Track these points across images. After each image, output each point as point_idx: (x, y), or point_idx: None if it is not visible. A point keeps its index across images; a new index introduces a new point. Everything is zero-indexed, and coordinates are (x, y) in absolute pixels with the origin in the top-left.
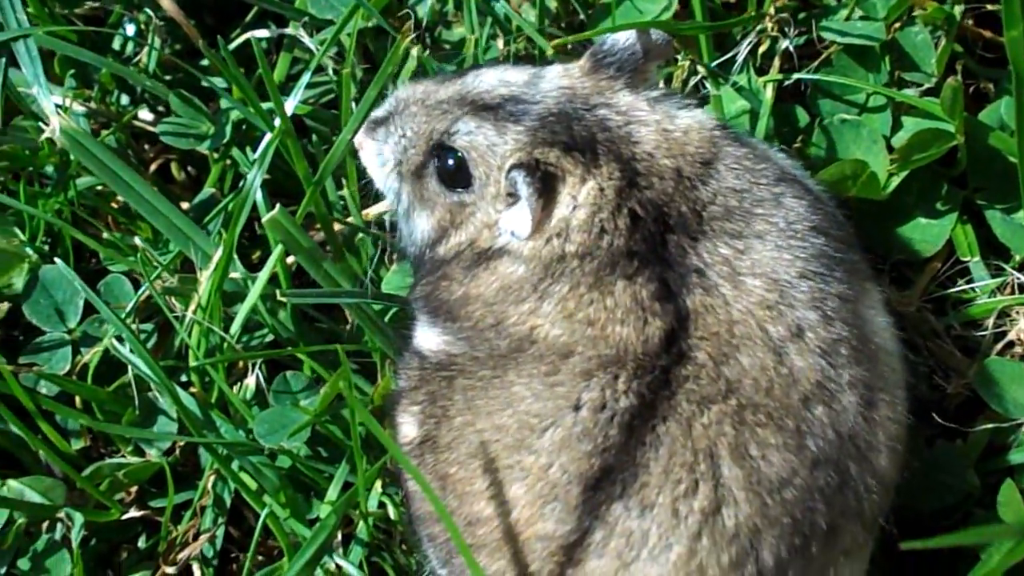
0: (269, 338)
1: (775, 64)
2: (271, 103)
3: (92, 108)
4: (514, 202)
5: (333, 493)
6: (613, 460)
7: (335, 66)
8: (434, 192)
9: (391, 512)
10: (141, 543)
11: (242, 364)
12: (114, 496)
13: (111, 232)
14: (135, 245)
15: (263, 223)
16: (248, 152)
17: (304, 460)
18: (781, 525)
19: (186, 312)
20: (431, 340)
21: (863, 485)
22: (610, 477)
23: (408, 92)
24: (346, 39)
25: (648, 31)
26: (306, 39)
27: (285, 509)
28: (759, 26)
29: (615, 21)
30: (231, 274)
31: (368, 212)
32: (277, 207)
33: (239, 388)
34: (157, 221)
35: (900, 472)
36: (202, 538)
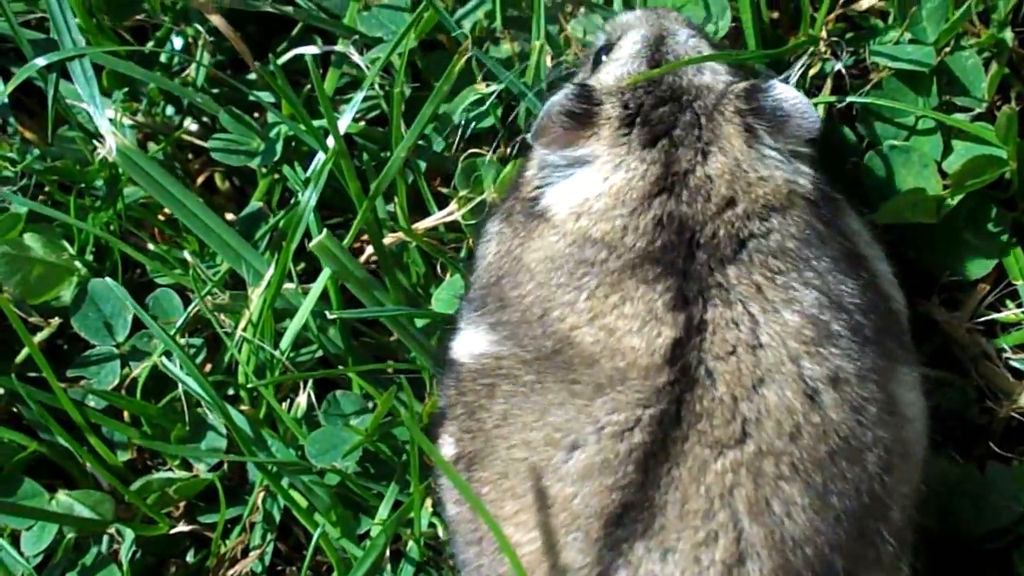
0: (319, 354)
1: (827, 85)
2: (322, 120)
3: (139, 121)
4: None
5: (384, 511)
6: (632, 498)
7: (382, 82)
8: None
9: (440, 531)
10: (190, 558)
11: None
12: (163, 511)
13: (157, 245)
14: (184, 259)
15: (310, 248)
16: (297, 168)
17: (354, 478)
18: None
19: (236, 329)
20: (477, 343)
21: (879, 537)
22: (630, 514)
23: None
24: (396, 58)
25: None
26: (356, 57)
27: (336, 527)
28: (811, 49)
29: None
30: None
31: (418, 226)
32: (324, 232)
33: (289, 405)
34: (208, 238)
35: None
36: (252, 555)
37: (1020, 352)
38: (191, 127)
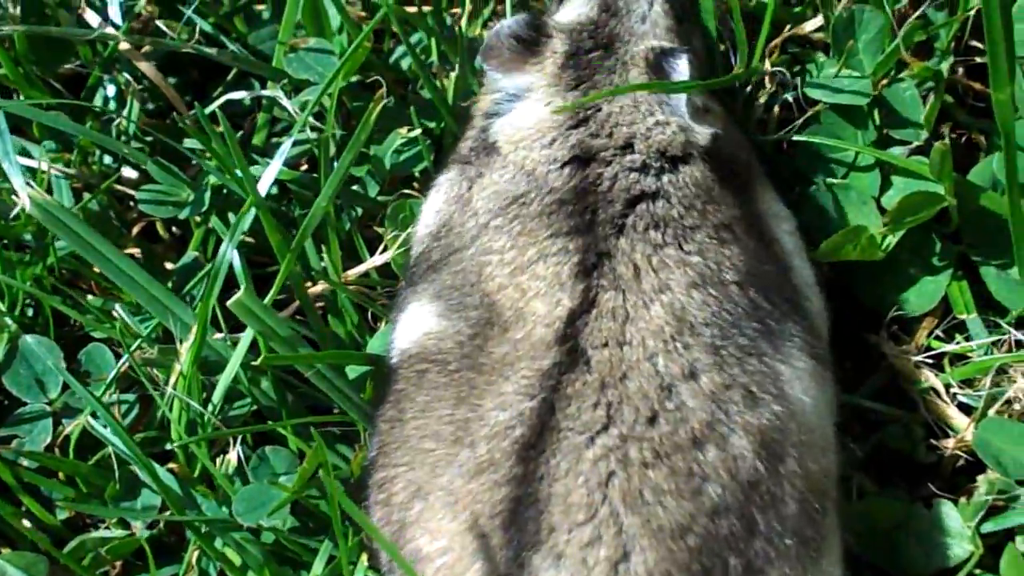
0: (254, 407)
1: (772, 117)
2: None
3: (71, 173)
4: None
5: (319, 567)
6: (519, 491)
7: (316, 123)
8: None
9: None
10: None
11: None
12: (98, 571)
13: (95, 296)
14: (114, 313)
15: (228, 305)
16: (232, 217)
17: (288, 535)
18: (691, 571)
19: (167, 384)
20: (423, 319)
21: (772, 527)
22: (521, 514)
23: None
24: (327, 100)
25: None
26: (284, 101)
27: None
28: (753, 79)
29: None
30: (215, 336)
31: (349, 274)
32: (242, 290)
33: (222, 461)
34: (135, 292)
35: (821, 524)
36: None
37: (967, 387)
38: (131, 174)
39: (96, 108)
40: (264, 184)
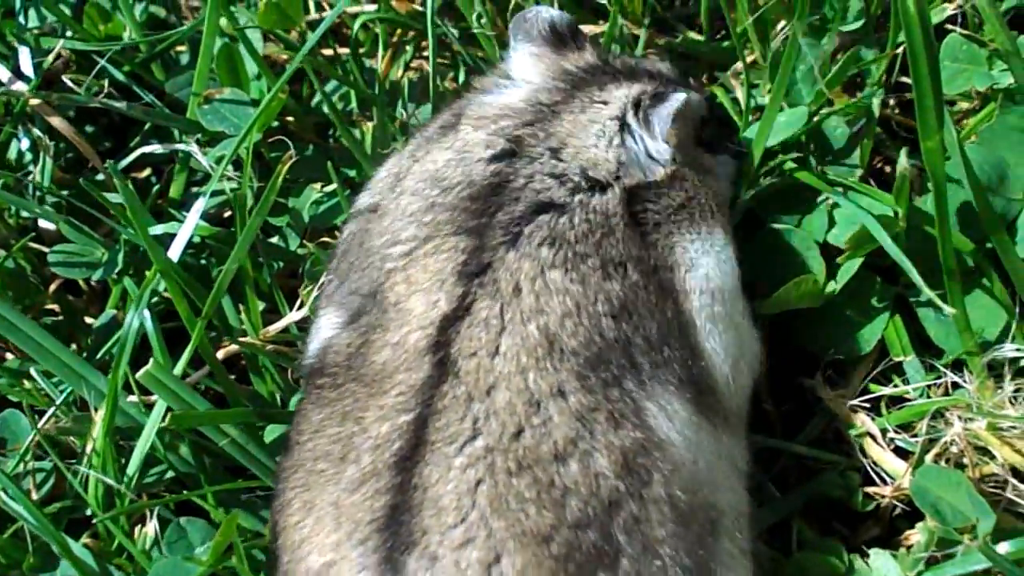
0: (171, 473)
1: None
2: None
3: None
4: None
5: None
6: (396, 500)
7: (233, 175)
8: None
9: None
10: None
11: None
12: None
13: (14, 357)
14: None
15: (138, 378)
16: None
17: None
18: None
19: (83, 452)
20: (326, 329)
21: (645, 556)
22: (396, 516)
23: None
24: (244, 152)
25: None
26: (199, 155)
27: None
28: None
29: None
30: (129, 399)
31: (268, 330)
32: (152, 362)
33: (140, 532)
34: (45, 360)
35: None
36: None
37: (903, 432)
38: (48, 226)
39: (10, 163)
40: (176, 248)
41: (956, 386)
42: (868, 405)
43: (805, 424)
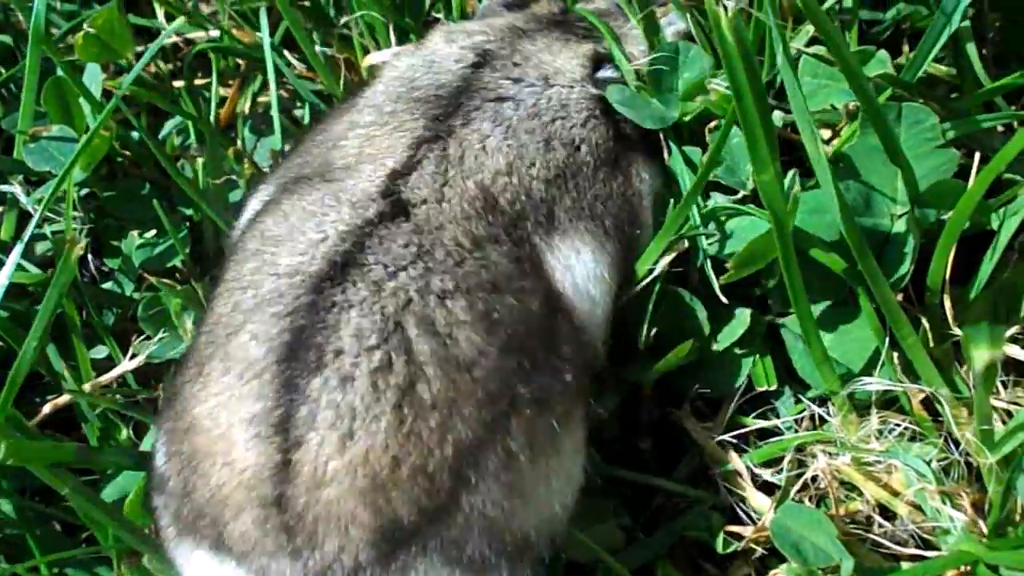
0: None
1: None
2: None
3: None
4: None
5: None
6: (303, 321)
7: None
8: None
9: None
10: None
11: None
12: None
13: None
14: None
15: None
16: None
17: None
18: (477, 397)
19: None
20: (256, 203)
21: (557, 368)
22: (303, 343)
23: None
24: (74, 191)
25: None
26: (21, 197)
27: None
28: None
29: None
30: None
31: (101, 380)
32: None
33: None
34: None
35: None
36: None
37: (768, 467)
38: None
39: None
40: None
41: (824, 420)
42: (733, 442)
43: (678, 462)
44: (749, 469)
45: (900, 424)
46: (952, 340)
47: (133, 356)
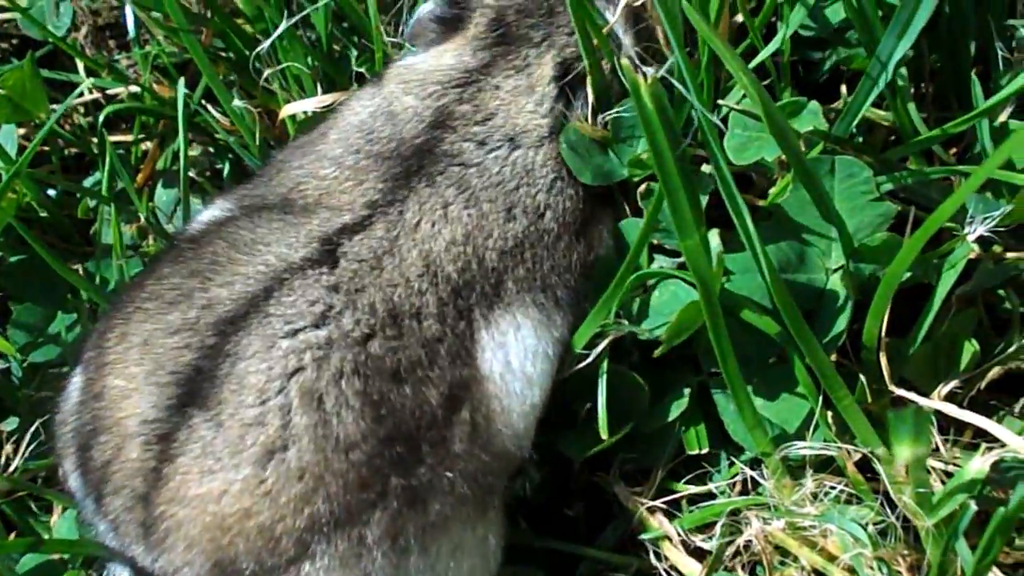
0: None
1: None
2: None
3: None
4: None
5: None
6: (204, 363)
7: None
8: None
9: None
10: None
11: None
12: None
13: None
14: None
15: None
16: None
17: None
18: (346, 479)
19: None
20: (212, 214)
21: (441, 469)
22: (199, 378)
23: None
24: None
25: None
26: None
27: None
28: None
29: None
30: None
31: None
32: None
33: None
34: None
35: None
36: None
37: (700, 533)
38: None
39: None
40: None
41: (758, 483)
42: (664, 507)
43: (606, 527)
44: (680, 535)
45: (836, 487)
46: (890, 395)
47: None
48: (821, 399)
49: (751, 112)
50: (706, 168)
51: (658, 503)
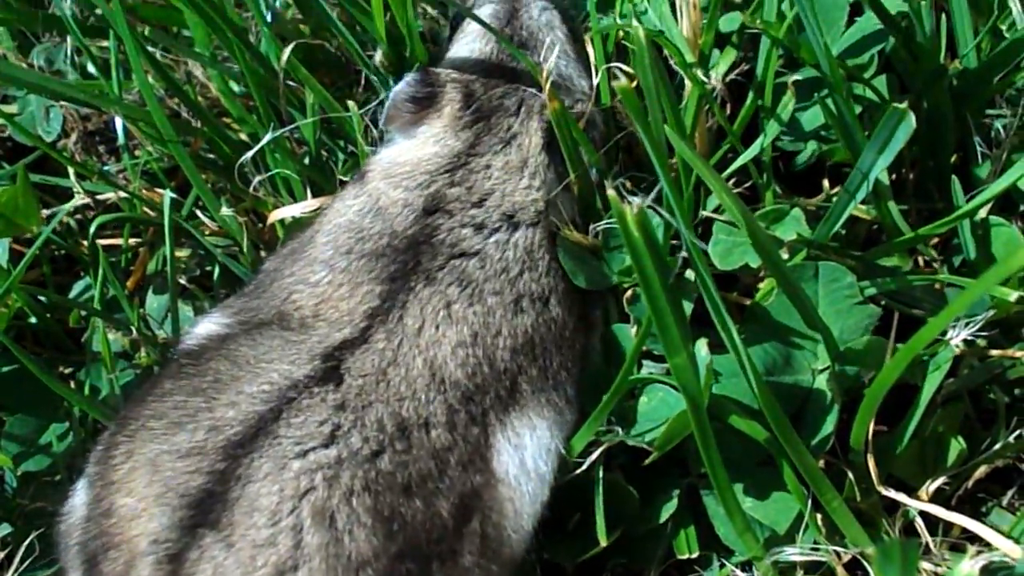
0: None
1: None
2: None
3: None
4: None
5: None
6: (214, 486)
7: None
8: None
9: None
10: None
11: None
12: None
13: None
14: None
15: None
16: None
17: None
18: None
19: None
20: (205, 326)
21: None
22: (210, 500)
23: None
24: None
25: None
26: None
27: None
28: None
29: None
30: None
31: None
32: None
33: None
34: None
35: None
36: None
37: None
38: None
39: None
40: None
41: None
42: None
43: None
44: None
45: None
46: (879, 494)
47: None
48: (810, 501)
49: (736, 223)
50: (691, 274)
51: None
